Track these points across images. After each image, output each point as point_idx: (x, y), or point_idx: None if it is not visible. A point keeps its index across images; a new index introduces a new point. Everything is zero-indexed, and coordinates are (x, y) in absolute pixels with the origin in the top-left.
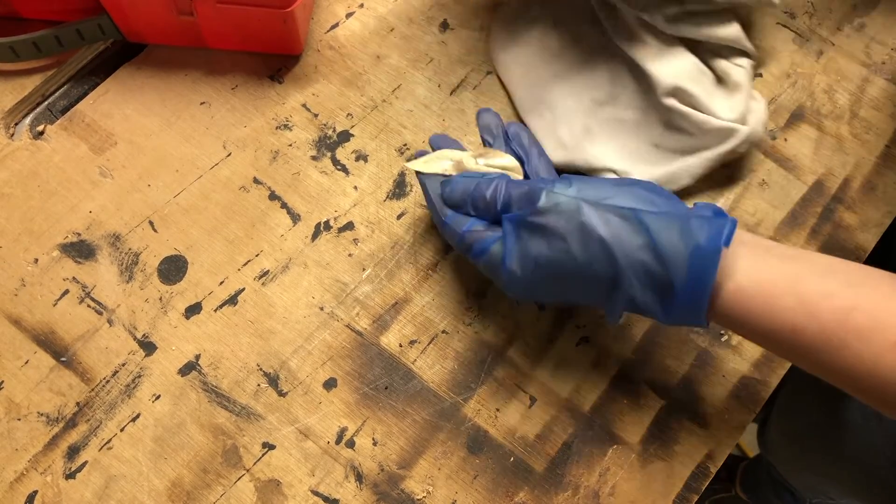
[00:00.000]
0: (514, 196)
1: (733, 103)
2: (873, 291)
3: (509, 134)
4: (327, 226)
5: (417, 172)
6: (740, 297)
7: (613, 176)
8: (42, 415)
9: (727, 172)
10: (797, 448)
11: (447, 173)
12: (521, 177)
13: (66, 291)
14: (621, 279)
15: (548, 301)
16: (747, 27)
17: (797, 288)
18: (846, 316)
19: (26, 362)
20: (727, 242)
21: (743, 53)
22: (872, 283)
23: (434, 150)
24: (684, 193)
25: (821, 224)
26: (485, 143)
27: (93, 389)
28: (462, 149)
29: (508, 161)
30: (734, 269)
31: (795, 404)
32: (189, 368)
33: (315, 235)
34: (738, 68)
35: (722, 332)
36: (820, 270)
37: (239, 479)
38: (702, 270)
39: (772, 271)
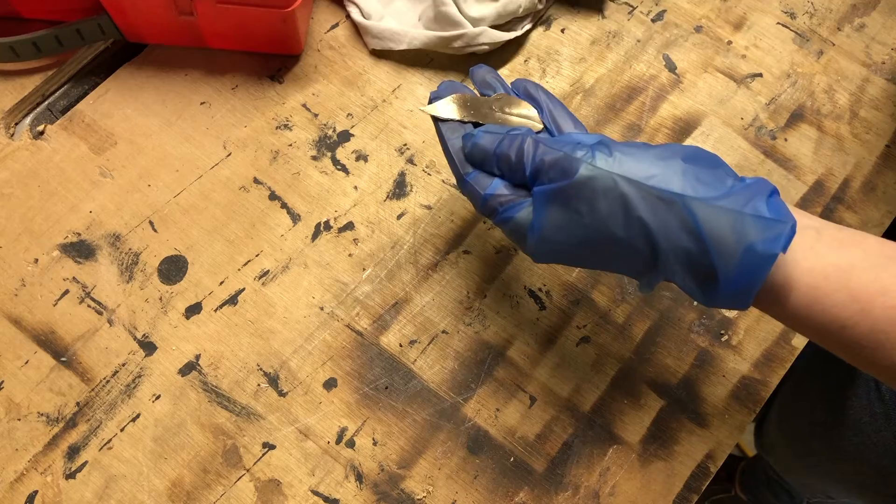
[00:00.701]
0: (547, 163)
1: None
2: None
3: (513, 86)
4: (327, 226)
5: (434, 120)
6: (788, 290)
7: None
8: (42, 415)
9: None
10: (797, 447)
11: (465, 120)
12: (540, 126)
13: (67, 291)
14: (661, 261)
15: (575, 266)
16: (744, 27)
17: (849, 283)
18: None
19: (26, 362)
20: (784, 248)
21: None
22: None
23: (445, 95)
24: None
25: None
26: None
27: (93, 389)
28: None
29: (528, 110)
30: (783, 260)
31: (796, 404)
32: (189, 368)
33: (315, 235)
34: None
35: (722, 331)
36: (873, 260)
37: (239, 478)
38: (753, 270)
39: (822, 262)
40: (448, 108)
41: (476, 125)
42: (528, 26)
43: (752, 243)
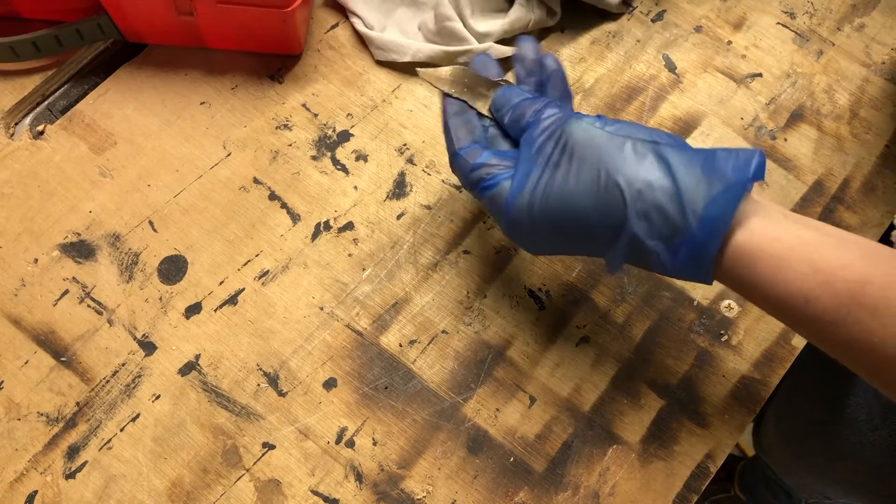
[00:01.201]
0: (539, 114)
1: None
2: (888, 267)
3: (547, 70)
4: (327, 226)
5: (444, 93)
6: (753, 255)
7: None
8: (42, 415)
9: None
10: (795, 447)
11: (451, 95)
12: None
13: (66, 291)
14: (630, 220)
15: (545, 247)
16: (744, 27)
17: (813, 256)
18: (861, 288)
19: (26, 362)
20: (757, 176)
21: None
22: (885, 258)
23: (473, 69)
24: None
25: None
26: (518, 76)
27: (93, 389)
28: (495, 77)
29: None
30: (749, 225)
31: (793, 404)
32: (189, 368)
33: (315, 235)
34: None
35: (722, 331)
36: (835, 241)
37: (239, 478)
38: (723, 205)
39: (788, 234)
40: (443, 79)
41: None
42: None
43: (724, 174)
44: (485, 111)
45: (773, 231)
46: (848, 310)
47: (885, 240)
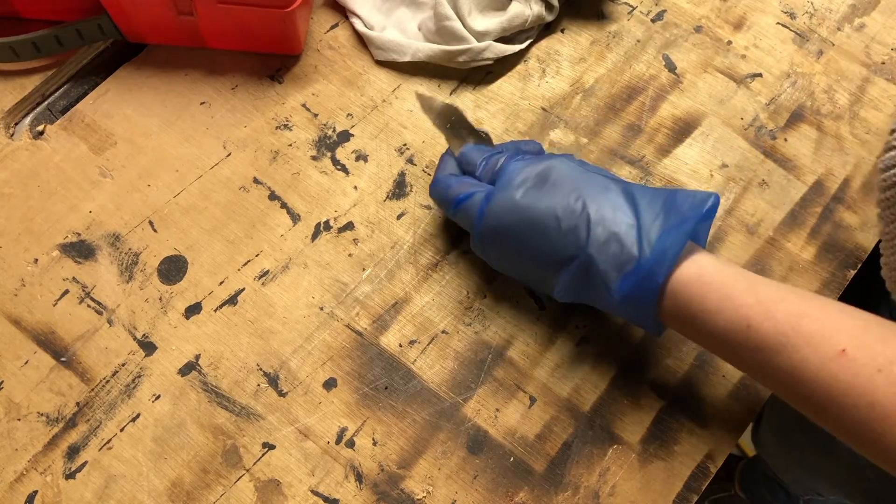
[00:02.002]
0: (520, 149)
1: (488, 20)
2: (821, 303)
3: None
4: (327, 226)
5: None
6: (701, 284)
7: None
8: (42, 415)
9: (727, 173)
10: (787, 443)
11: (441, 130)
12: None
13: (66, 291)
14: (591, 245)
15: (506, 259)
16: (744, 27)
17: (755, 288)
18: (798, 320)
19: (26, 362)
20: (709, 215)
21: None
22: (818, 299)
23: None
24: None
25: (821, 224)
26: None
27: (93, 389)
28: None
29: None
30: (697, 259)
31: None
32: (189, 368)
33: (315, 235)
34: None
35: None
36: (774, 282)
37: (239, 479)
38: (675, 237)
39: (732, 271)
40: (433, 109)
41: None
42: (532, 38)
43: (680, 209)
44: (455, 152)
45: (720, 266)
46: (787, 338)
47: None
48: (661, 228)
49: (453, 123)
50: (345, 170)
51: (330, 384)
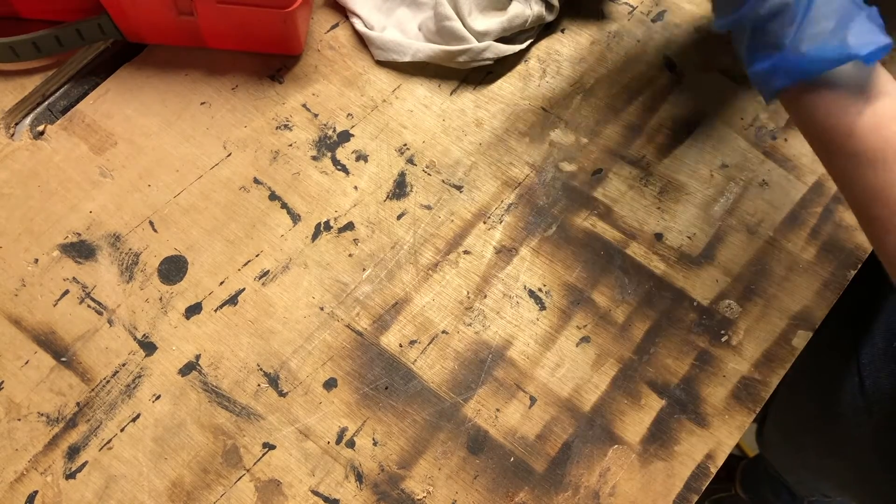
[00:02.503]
0: None
1: (488, 21)
2: None
3: None
4: (327, 226)
5: None
6: (826, 94)
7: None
8: (42, 415)
9: (727, 173)
10: (792, 444)
11: None
12: None
13: (67, 291)
14: (759, 3)
15: None
16: None
17: (875, 104)
18: None
19: (26, 362)
20: (871, 60)
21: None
22: None
23: None
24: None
25: (821, 224)
26: None
27: (93, 389)
28: None
29: None
30: (841, 76)
31: (790, 400)
32: (189, 368)
33: (315, 235)
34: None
35: (722, 331)
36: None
37: (239, 479)
38: (832, 56)
39: (867, 80)
40: None
41: None
42: (532, 38)
43: (859, 22)
44: None
45: (854, 74)
46: (884, 154)
47: None
48: (822, 40)
49: None
50: (345, 170)
51: (330, 384)
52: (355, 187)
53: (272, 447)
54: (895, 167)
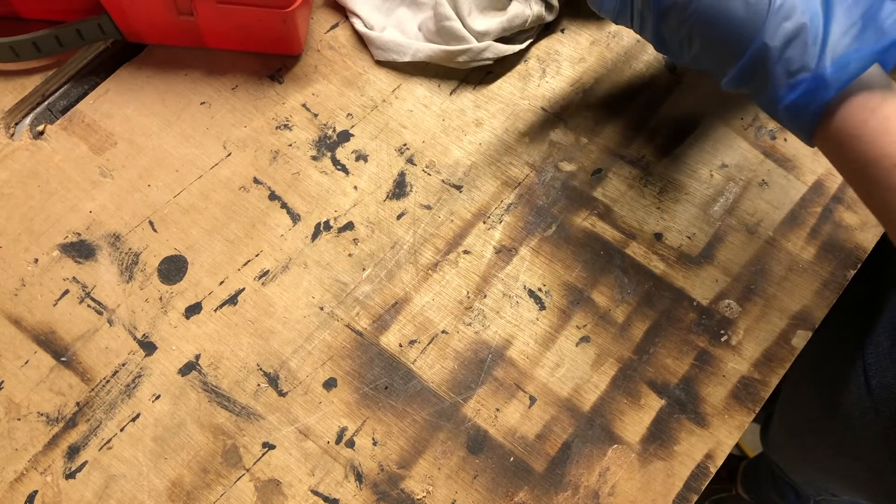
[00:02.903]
0: None
1: (488, 21)
2: None
3: None
4: (327, 226)
5: None
6: (865, 109)
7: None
8: (42, 415)
9: (727, 173)
10: (799, 443)
11: None
12: None
13: (66, 291)
14: (768, 28)
15: (677, 41)
16: None
17: None
18: None
19: (26, 362)
20: None
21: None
22: None
23: None
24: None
25: (821, 224)
26: None
27: (93, 389)
28: None
29: None
30: (876, 89)
31: (796, 400)
32: (189, 368)
33: (315, 235)
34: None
35: (722, 331)
36: None
37: (239, 478)
38: (866, 54)
39: None
40: None
41: None
42: (532, 38)
43: (881, 24)
44: None
45: (890, 95)
46: None
47: (885, 238)
48: (852, 40)
49: None
50: (345, 170)
51: (330, 384)
52: (355, 187)
53: (272, 447)
54: None
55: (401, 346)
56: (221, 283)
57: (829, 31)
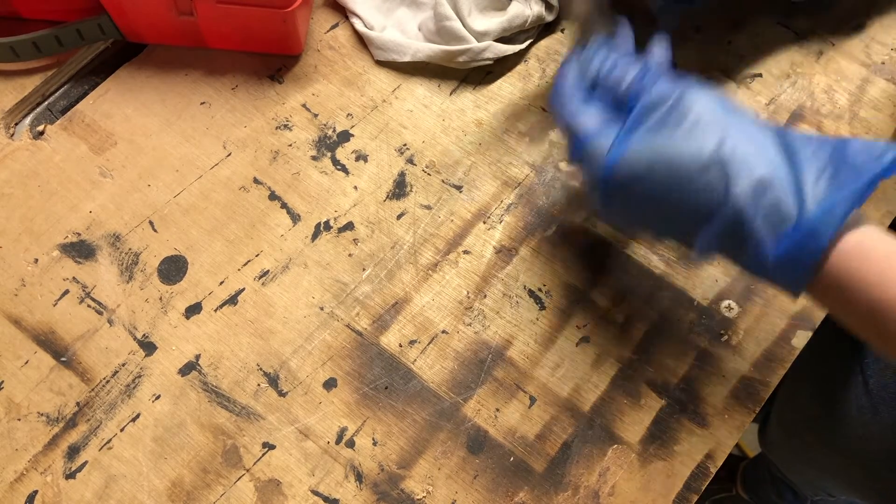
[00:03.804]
0: (649, 85)
1: (488, 21)
2: None
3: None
4: (327, 226)
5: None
6: (862, 252)
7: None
8: (42, 415)
9: None
10: (796, 443)
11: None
12: None
13: (67, 291)
14: (737, 193)
15: (636, 214)
16: (744, 27)
17: None
18: None
19: (26, 362)
20: (891, 170)
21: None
22: None
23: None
24: None
25: None
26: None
27: (93, 389)
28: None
29: None
30: (860, 226)
31: (793, 399)
32: (189, 368)
33: (315, 235)
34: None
35: (722, 331)
36: None
37: (239, 478)
38: (849, 196)
39: (890, 238)
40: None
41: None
42: (532, 38)
43: (854, 163)
44: (582, 46)
45: (883, 234)
46: None
47: None
48: (829, 183)
49: (592, 21)
50: (345, 170)
51: (330, 384)
52: (355, 187)
53: (272, 447)
54: None
55: (401, 346)
56: (221, 283)
57: (801, 179)
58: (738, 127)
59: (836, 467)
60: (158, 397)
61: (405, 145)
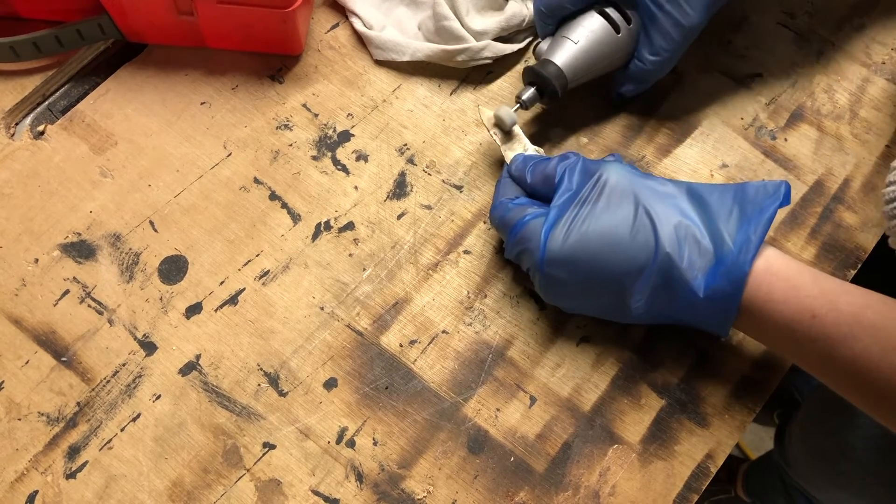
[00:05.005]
0: (573, 169)
1: (486, 20)
2: (881, 297)
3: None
4: (327, 226)
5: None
6: (769, 275)
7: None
8: (42, 415)
9: (727, 173)
10: (820, 462)
11: (495, 139)
12: None
13: (67, 291)
14: (663, 245)
15: (575, 291)
16: (744, 27)
17: (819, 281)
18: (861, 311)
19: (27, 362)
20: (785, 202)
21: None
22: (878, 295)
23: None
24: None
25: (821, 224)
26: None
27: (93, 389)
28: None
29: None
30: (765, 253)
31: (812, 415)
32: (189, 368)
33: (315, 235)
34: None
35: None
36: (834, 278)
37: (239, 478)
38: (757, 227)
39: (797, 265)
40: (488, 118)
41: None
42: (530, 37)
43: (754, 200)
44: (507, 160)
45: (785, 258)
46: (850, 328)
47: (885, 239)
48: (739, 220)
49: (506, 132)
50: (345, 170)
51: (330, 384)
52: (355, 187)
53: (272, 447)
54: (860, 339)
55: (401, 346)
56: (222, 283)
57: (714, 220)
58: (647, 189)
59: (852, 477)
60: (159, 397)
61: (405, 145)
